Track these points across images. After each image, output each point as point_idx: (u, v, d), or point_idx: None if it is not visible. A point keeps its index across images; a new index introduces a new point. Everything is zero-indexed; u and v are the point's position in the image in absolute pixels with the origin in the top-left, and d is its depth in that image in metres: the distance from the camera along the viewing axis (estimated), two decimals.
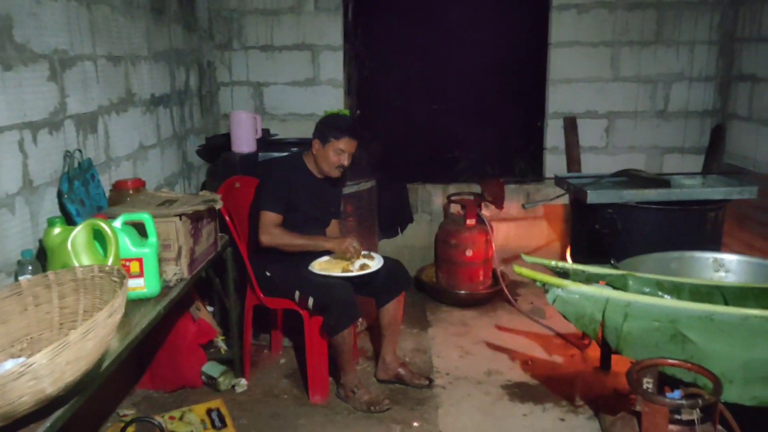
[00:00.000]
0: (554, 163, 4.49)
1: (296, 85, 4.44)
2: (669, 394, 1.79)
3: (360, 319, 3.74)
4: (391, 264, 3.17)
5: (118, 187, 2.80)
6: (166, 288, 2.38)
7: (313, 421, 2.92)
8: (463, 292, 4.19)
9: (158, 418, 2.87)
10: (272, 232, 2.98)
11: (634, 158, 4.43)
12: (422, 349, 3.65)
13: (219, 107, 4.50)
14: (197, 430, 2.82)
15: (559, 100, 4.40)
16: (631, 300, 2.10)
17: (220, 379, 3.16)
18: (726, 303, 2.13)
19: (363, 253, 3.16)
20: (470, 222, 4.14)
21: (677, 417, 1.77)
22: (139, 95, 3.24)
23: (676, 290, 2.21)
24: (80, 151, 2.55)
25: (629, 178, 3.35)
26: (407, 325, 3.97)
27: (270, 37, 4.37)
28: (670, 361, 1.85)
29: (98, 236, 2.14)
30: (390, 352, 3.24)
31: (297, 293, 2.97)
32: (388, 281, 3.14)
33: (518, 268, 2.37)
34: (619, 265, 2.52)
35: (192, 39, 4.10)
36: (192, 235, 2.56)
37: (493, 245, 4.19)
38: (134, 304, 2.23)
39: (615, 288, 2.24)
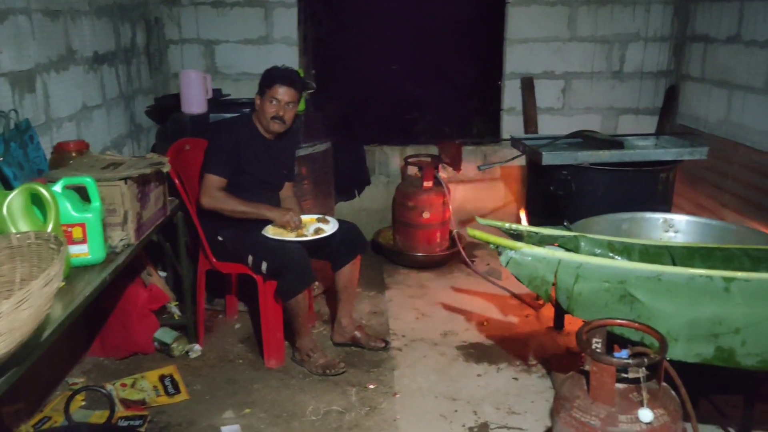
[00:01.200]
0: (511, 124, 4.48)
1: (249, 43, 4.31)
2: (616, 354, 1.81)
3: (317, 283, 3.72)
4: (346, 227, 3.14)
5: (60, 149, 2.68)
6: (112, 254, 2.31)
7: (268, 385, 2.91)
8: (420, 254, 4.20)
9: (109, 386, 2.82)
10: (214, 195, 2.91)
11: (590, 119, 4.44)
12: (379, 312, 3.66)
13: (169, 66, 4.34)
14: (150, 396, 2.78)
15: (516, 60, 4.37)
16: (582, 261, 2.12)
17: (174, 345, 3.11)
18: (674, 263, 2.16)
19: (317, 216, 3.12)
20: (427, 184, 4.12)
21: (624, 375, 1.80)
22: (81, 52, 3.08)
23: (627, 251, 2.23)
24: (16, 111, 2.42)
25: (584, 139, 3.36)
26: (364, 288, 3.96)
27: None
28: (618, 321, 1.87)
29: (37, 201, 2.05)
30: (346, 315, 3.23)
31: (250, 258, 2.92)
32: (344, 244, 3.11)
33: (472, 231, 2.36)
34: (571, 227, 2.53)
35: None
36: (139, 199, 2.47)
37: (450, 207, 4.19)
38: (78, 271, 2.16)
39: (567, 250, 2.25)
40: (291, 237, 2.92)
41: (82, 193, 2.24)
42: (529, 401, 2.79)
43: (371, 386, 2.91)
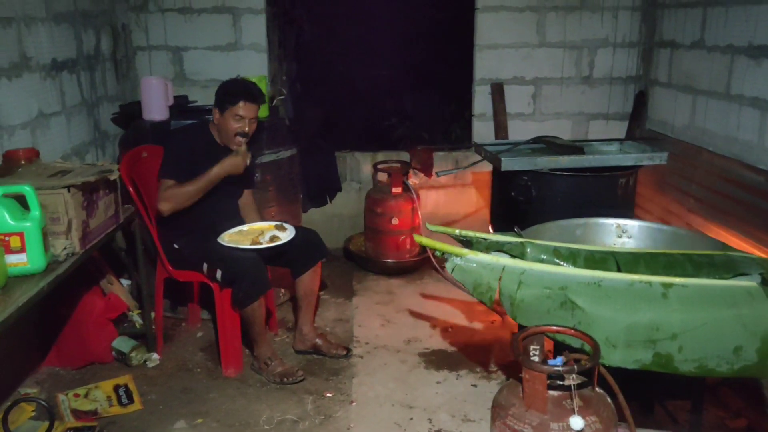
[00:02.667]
0: (483, 130, 4.47)
1: (217, 49, 4.29)
2: (550, 361, 1.79)
3: (282, 290, 3.70)
4: (305, 234, 3.11)
5: (8, 157, 2.65)
6: (54, 263, 2.28)
7: (225, 394, 2.88)
8: (389, 260, 4.18)
9: (62, 396, 2.79)
10: (167, 195, 2.84)
11: (560, 124, 4.43)
12: (344, 319, 3.63)
13: (137, 73, 4.32)
14: (102, 407, 2.75)
15: (486, 66, 4.36)
16: (526, 268, 2.09)
17: (132, 355, 3.08)
18: (619, 269, 2.14)
19: (274, 223, 3.09)
20: (396, 190, 4.11)
21: (560, 383, 1.78)
22: (37, 59, 3.06)
23: (572, 257, 2.21)
24: None
25: (545, 145, 3.34)
26: (332, 295, 3.94)
27: None
28: (553, 327, 1.85)
29: None
30: (307, 323, 3.20)
31: (205, 266, 2.90)
32: (303, 252, 3.08)
33: (418, 238, 2.33)
34: (522, 233, 2.51)
35: (102, 0, 3.90)
36: (85, 207, 2.45)
37: (420, 213, 4.17)
38: (17, 280, 2.13)
39: (513, 256, 2.23)
40: (246, 245, 2.90)
41: (26, 202, 2.22)
42: (485, 408, 2.75)
43: (329, 394, 2.88)
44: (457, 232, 2.49)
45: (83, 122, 3.58)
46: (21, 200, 2.21)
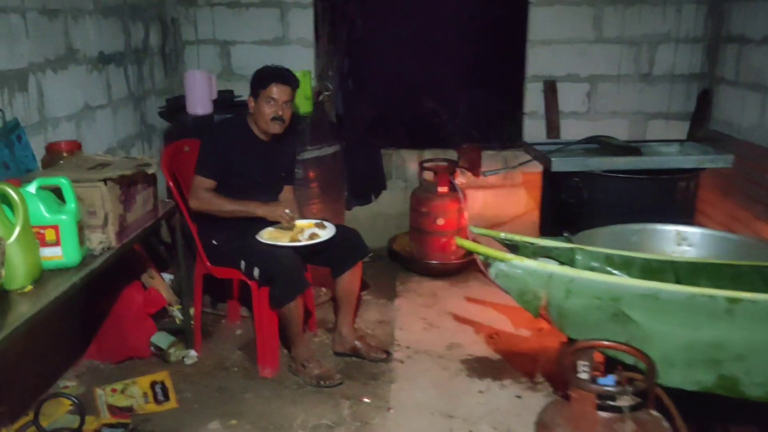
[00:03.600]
0: (534, 129, 4.30)
1: (264, 44, 4.25)
2: (600, 379, 1.65)
3: (323, 289, 3.62)
4: (346, 233, 3.03)
5: (51, 149, 2.65)
6: (90, 257, 2.25)
7: (260, 395, 2.82)
8: (434, 262, 4.05)
9: (99, 391, 2.78)
10: (200, 196, 2.85)
11: (616, 124, 4.23)
12: (386, 321, 3.53)
13: (185, 67, 4.32)
14: (138, 403, 2.73)
15: (539, 62, 4.19)
16: (575, 276, 1.95)
17: (170, 351, 3.05)
18: (678, 280, 1.98)
19: (315, 221, 3.02)
20: (442, 189, 3.98)
21: (610, 404, 1.64)
22: (84, 52, 3.06)
23: (626, 266, 2.06)
24: (2, 111, 2.39)
25: (599, 145, 3.17)
26: (374, 296, 3.85)
27: None
28: (603, 342, 1.71)
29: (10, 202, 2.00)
30: (346, 325, 3.11)
31: (242, 263, 2.84)
32: (343, 251, 3.00)
33: (460, 241, 2.22)
34: (572, 238, 2.36)
35: None
36: (122, 201, 2.42)
37: (466, 214, 4.03)
38: (51, 274, 2.10)
39: (562, 263, 2.09)
40: (285, 242, 2.83)
41: (62, 195, 2.19)
42: (530, 422, 2.59)
43: (366, 400, 2.79)
44: (502, 235, 2.36)
45: (129, 115, 3.58)
46: (58, 193, 2.19)
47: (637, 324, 1.80)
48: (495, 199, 4.44)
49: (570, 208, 2.97)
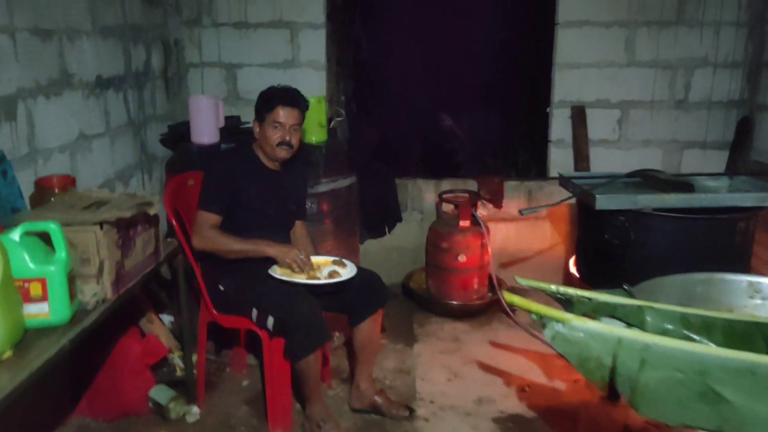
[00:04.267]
0: (560, 158, 4.03)
1: (273, 67, 3.99)
2: None
3: (337, 334, 3.32)
4: (367, 276, 2.73)
5: (41, 185, 2.37)
6: (82, 312, 1.95)
7: None
8: (454, 302, 3.76)
9: None
10: (205, 234, 2.55)
11: (649, 153, 3.97)
12: (405, 370, 3.23)
13: (189, 91, 4.06)
14: None
15: (566, 87, 3.93)
16: (650, 342, 1.66)
17: (170, 406, 2.74)
18: (767, 345, 1.70)
19: (333, 259, 2.73)
20: (463, 224, 3.70)
21: None
22: (80, 76, 2.80)
23: (706, 328, 1.77)
24: None
25: (645, 179, 2.90)
26: (390, 340, 3.54)
27: (243, 13, 3.91)
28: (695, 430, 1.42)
29: None
30: (365, 378, 2.81)
31: (254, 311, 2.54)
32: (363, 296, 2.70)
33: (509, 297, 1.92)
34: (633, 290, 2.07)
35: (154, 13, 3.65)
36: (120, 246, 2.13)
37: (490, 250, 3.75)
38: (36, 334, 1.81)
39: (629, 325, 1.80)
40: (302, 278, 2.53)
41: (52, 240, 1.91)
42: None
43: None
44: (553, 287, 2.07)
45: (129, 144, 3.31)
46: (46, 238, 1.90)
47: (732, 405, 1.50)
48: (517, 232, 4.16)
49: (615, 249, 2.69)
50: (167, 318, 3.25)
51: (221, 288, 2.64)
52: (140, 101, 3.45)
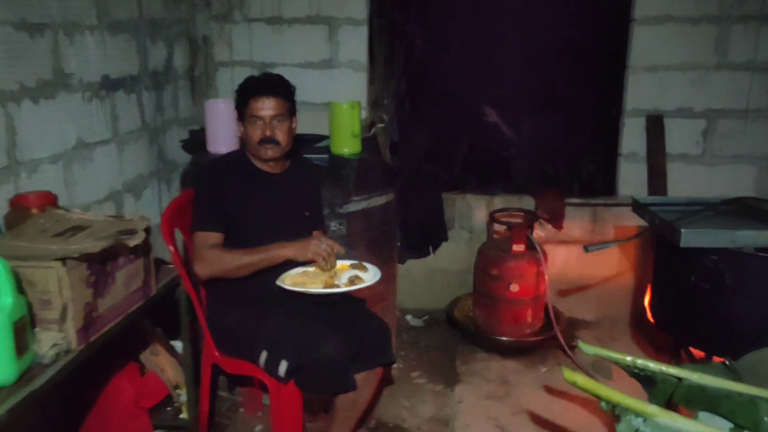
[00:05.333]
0: (631, 174, 3.50)
1: (309, 66, 3.60)
2: None
3: None
4: (374, 327, 2.27)
5: (16, 203, 2.03)
6: (36, 368, 1.60)
7: None
8: (504, 338, 3.28)
9: None
10: (206, 257, 2.16)
11: (740, 171, 3.39)
12: (443, 419, 2.78)
13: (218, 92, 3.71)
14: None
15: (641, 93, 3.39)
16: None
17: None
18: None
19: (352, 263, 2.30)
20: (517, 248, 3.22)
21: None
22: (80, 76, 2.46)
23: None
24: None
25: (742, 209, 2.36)
26: (429, 377, 3.11)
27: (278, 7, 3.53)
28: None
29: None
30: None
31: (264, 355, 2.11)
32: (365, 346, 2.22)
33: (571, 376, 1.46)
34: (737, 365, 1.58)
35: (179, 7, 3.32)
36: (92, 284, 1.76)
37: (546, 278, 3.26)
38: None
39: (738, 426, 1.32)
40: (317, 287, 2.11)
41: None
42: None
43: None
44: (628, 359, 1.59)
45: (142, 151, 2.97)
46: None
47: None
48: (579, 257, 3.63)
49: (703, 296, 2.18)
50: (178, 345, 2.90)
51: (228, 323, 2.25)
52: (158, 103, 3.12)
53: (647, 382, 1.53)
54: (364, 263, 2.29)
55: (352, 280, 2.16)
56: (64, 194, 2.37)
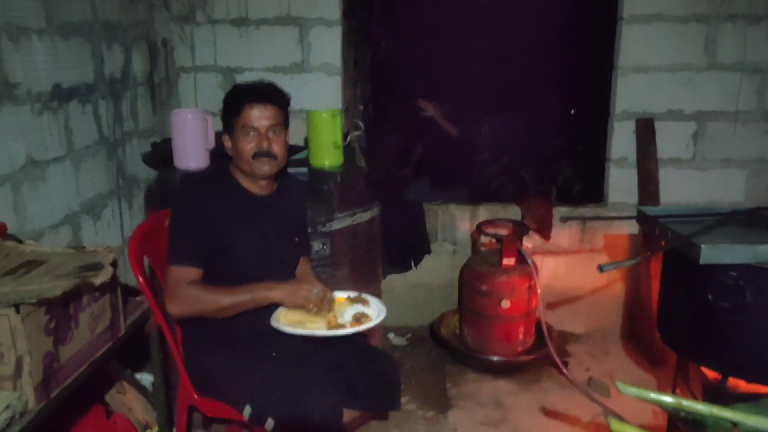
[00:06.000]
0: (621, 180, 3.37)
1: (279, 71, 3.35)
2: None
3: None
4: (380, 362, 2.07)
5: None
6: None
7: None
8: (495, 357, 3.11)
9: None
10: (183, 294, 1.89)
11: (730, 175, 3.30)
12: None
13: (179, 100, 3.44)
14: None
15: (630, 94, 3.26)
16: None
17: None
18: None
19: (349, 295, 2.09)
20: (508, 262, 3.05)
21: None
22: (28, 87, 2.18)
23: None
24: None
25: (759, 220, 2.23)
26: (419, 403, 2.91)
27: (245, 7, 3.28)
28: None
29: None
30: None
31: (248, 409, 1.88)
32: (374, 386, 2.01)
33: (617, 426, 1.27)
34: None
35: (136, 8, 3.04)
36: (52, 330, 1.51)
37: (539, 292, 3.10)
38: None
39: None
40: (320, 328, 1.89)
41: None
42: None
43: None
44: (670, 400, 1.40)
45: (100, 167, 2.69)
46: None
47: None
48: (568, 267, 3.50)
49: (722, 315, 2.03)
50: (148, 378, 2.63)
51: (207, 366, 2.00)
52: (117, 114, 2.83)
53: (696, 426, 1.36)
54: (363, 295, 2.07)
55: (358, 318, 1.95)
56: (13, 220, 2.10)
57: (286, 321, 1.92)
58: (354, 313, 1.98)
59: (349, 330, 1.89)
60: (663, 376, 3.02)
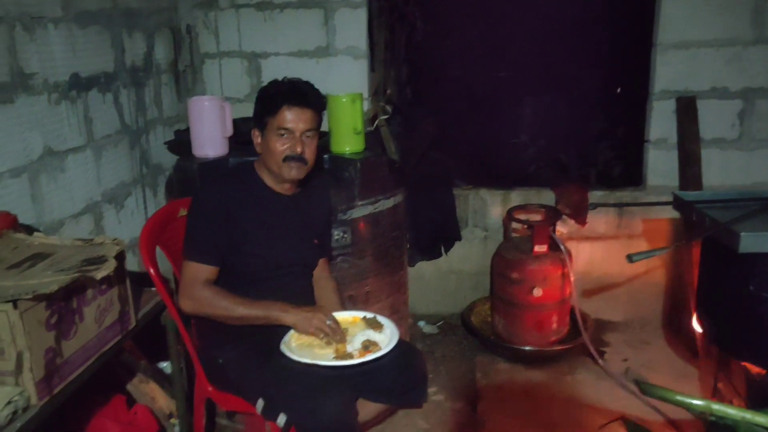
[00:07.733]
0: (660, 162, 3.20)
1: (304, 55, 3.30)
2: None
3: None
4: (407, 354, 1.99)
5: None
6: None
7: None
8: (528, 347, 3.01)
9: None
10: (197, 294, 1.86)
11: None
12: None
13: (205, 87, 3.41)
14: None
15: (671, 72, 3.09)
16: None
17: None
18: None
19: (363, 316, 2.02)
20: (539, 248, 2.94)
21: None
22: (44, 76, 2.17)
23: None
24: None
25: None
26: (447, 395, 2.84)
27: None
28: None
29: None
30: None
31: (260, 402, 1.85)
32: (398, 382, 1.94)
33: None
34: None
35: None
36: (53, 325, 1.48)
37: (572, 280, 2.98)
38: None
39: None
40: (328, 354, 1.84)
41: None
42: None
43: None
44: (699, 403, 1.30)
45: (122, 156, 2.68)
46: None
47: None
48: (604, 253, 3.35)
49: (763, 306, 1.89)
50: (163, 366, 2.62)
51: (220, 361, 1.97)
52: (139, 103, 2.82)
53: (726, 431, 1.25)
54: (378, 317, 1.99)
55: (367, 346, 1.88)
56: (30, 211, 2.10)
57: (296, 342, 1.88)
58: (363, 340, 1.91)
59: (355, 361, 1.82)
60: (706, 369, 2.87)
